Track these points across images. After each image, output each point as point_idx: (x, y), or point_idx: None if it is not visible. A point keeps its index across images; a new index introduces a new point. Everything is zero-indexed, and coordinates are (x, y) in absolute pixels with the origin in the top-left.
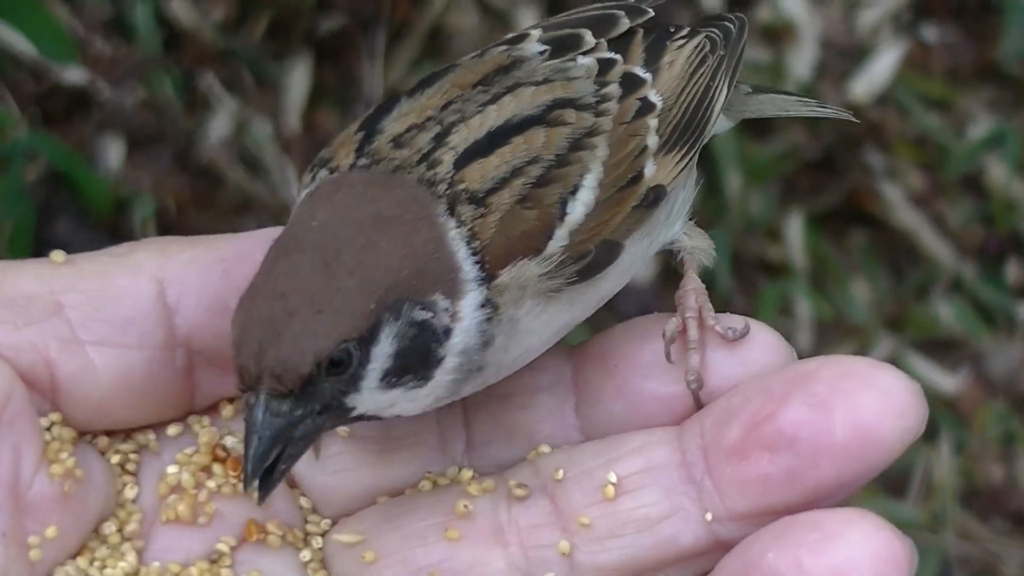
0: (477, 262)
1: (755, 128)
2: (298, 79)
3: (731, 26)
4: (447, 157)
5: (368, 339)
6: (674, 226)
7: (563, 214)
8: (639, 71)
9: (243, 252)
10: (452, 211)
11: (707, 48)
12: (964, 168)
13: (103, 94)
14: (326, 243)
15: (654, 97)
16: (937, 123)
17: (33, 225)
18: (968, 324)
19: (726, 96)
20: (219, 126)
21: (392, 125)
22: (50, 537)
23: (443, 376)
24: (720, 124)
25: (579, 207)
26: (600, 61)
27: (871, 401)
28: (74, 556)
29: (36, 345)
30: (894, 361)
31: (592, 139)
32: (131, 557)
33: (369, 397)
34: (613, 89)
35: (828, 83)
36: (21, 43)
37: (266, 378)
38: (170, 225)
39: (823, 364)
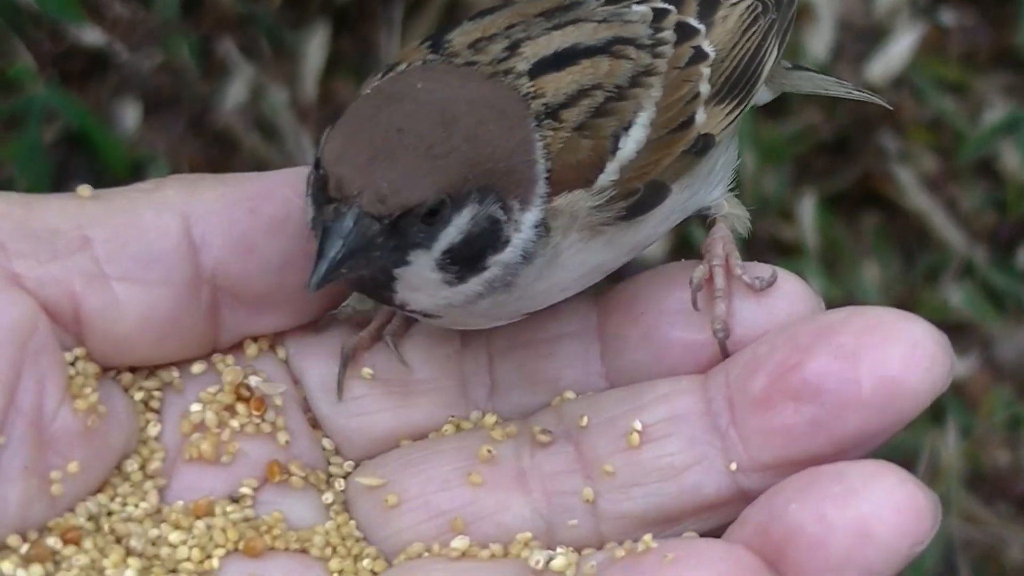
0: (547, 178)
1: (770, 108)
2: (315, 47)
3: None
4: (522, 66)
5: (456, 205)
6: (715, 189)
7: (615, 148)
8: (693, 21)
9: (270, 190)
10: (537, 122)
11: (759, 9)
12: (978, 153)
13: (120, 56)
14: (443, 105)
15: (707, 47)
16: (952, 107)
17: (49, 185)
18: (978, 309)
19: (775, 59)
20: (235, 92)
21: (459, 37)
22: (72, 472)
23: (474, 284)
24: (762, 94)
25: (631, 144)
26: (654, 10)
27: (898, 352)
28: (96, 492)
29: (61, 279)
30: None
31: (648, 78)
32: (153, 495)
33: (425, 263)
34: (668, 35)
35: (844, 65)
36: None
37: (367, 195)
38: None
39: (850, 315)
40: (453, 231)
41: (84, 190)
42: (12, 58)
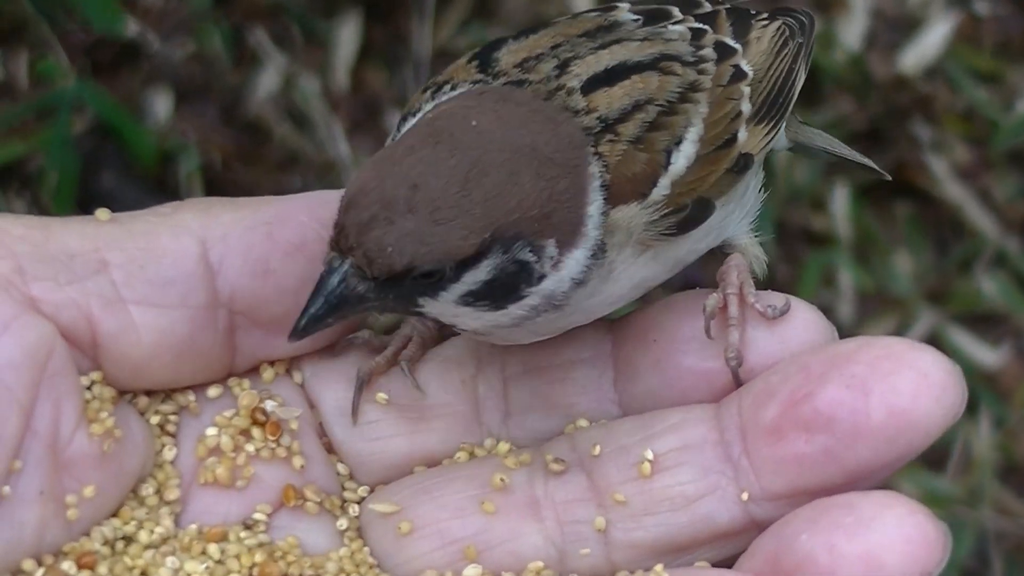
0: (604, 197)
1: (803, 97)
2: (347, 37)
3: (803, 19)
4: (574, 83)
5: (467, 264)
6: (741, 221)
7: (668, 163)
8: (729, 41)
9: (287, 215)
10: (596, 146)
11: (787, 33)
12: (1011, 142)
13: (152, 46)
14: (477, 156)
15: (745, 67)
16: (985, 97)
17: (79, 176)
18: (1011, 299)
19: (802, 83)
20: (267, 81)
21: (506, 57)
22: (88, 496)
23: (516, 309)
24: (781, 140)
25: (682, 159)
26: (691, 29)
27: (908, 383)
28: (111, 516)
29: (78, 303)
30: (935, 335)
31: (696, 94)
32: (168, 519)
33: (441, 307)
34: (708, 52)
35: (877, 54)
36: None
37: (358, 255)
38: (215, 179)
39: (862, 345)
40: (468, 284)
41: (103, 213)
42: (44, 48)
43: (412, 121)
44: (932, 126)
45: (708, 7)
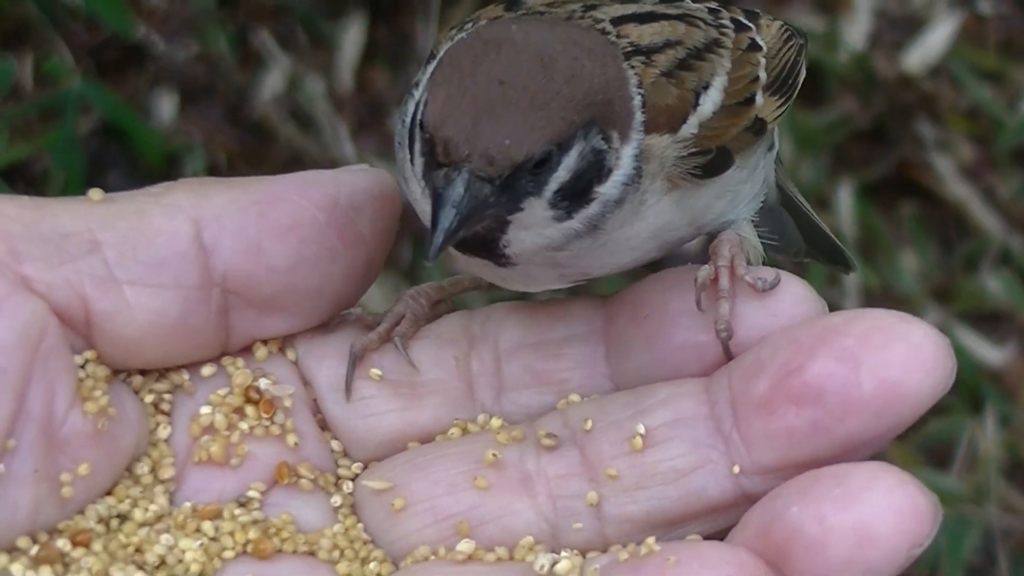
0: (642, 110)
1: (806, 97)
2: (352, 37)
3: (799, 31)
4: (604, 16)
5: (564, 148)
6: (748, 203)
7: (696, 103)
8: (743, 20)
9: (280, 194)
10: (628, 61)
11: (791, 31)
12: (1015, 141)
13: (157, 47)
14: (540, 46)
15: (760, 40)
16: (990, 95)
17: (85, 177)
18: (1016, 297)
19: (802, 81)
20: (272, 82)
21: (533, 2)
22: (82, 475)
23: (578, 221)
24: (770, 174)
25: (709, 103)
26: (708, 8)
27: (899, 355)
28: (106, 495)
29: (71, 282)
30: (941, 332)
31: (719, 49)
32: (162, 497)
33: (538, 206)
34: (727, 23)
35: (881, 53)
36: None
37: (476, 157)
38: None
39: (852, 317)
40: (563, 172)
41: (95, 193)
42: (49, 49)
43: (441, 52)
44: (936, 125)
45: (715, 4)
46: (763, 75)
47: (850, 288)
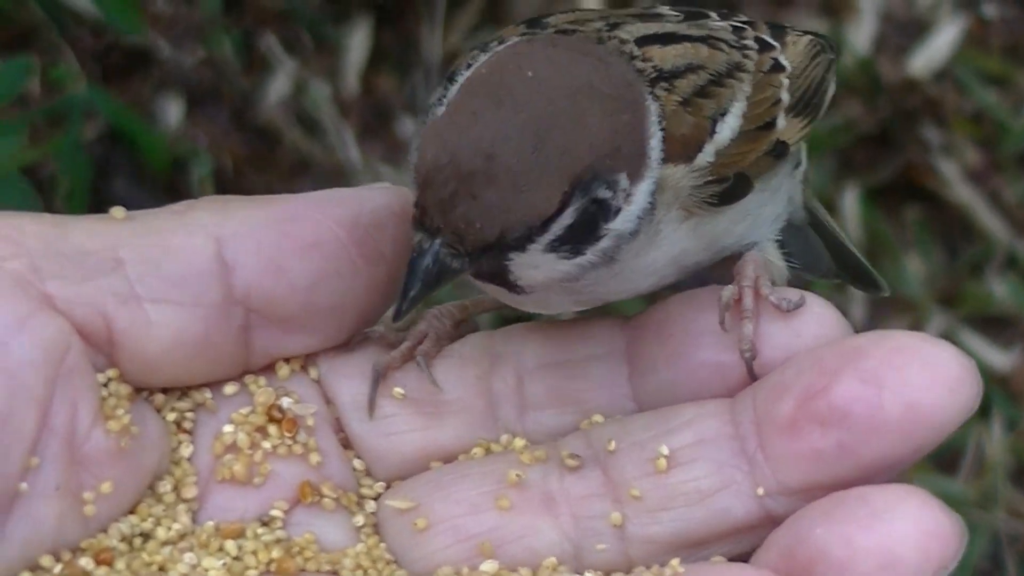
0: (663, 141)
1: None
2: (357, 42)
3: (831, 43)
4: (627, 36)
5: (553, 217)
6: (770, 224)
7: (713, 131)
8: (768, 39)
9: (301, 213)
10: (652, 89)
11: (819, 47)
12: (1021, 145)
13: (163, 52)
14: (541, 107)
15: (784, 61)
16: (995, 100)
17: (90, 182)
18: (1022, 301)
19: (831, 95)
20: (278, 87)
21: (554, 20)
22: (105, 493)
23: (590, 255)
24: (797, 193)
25: (726, 130)
26: (732, 26)
27: (922, 377)
28: (129, 513)
29: (93, 300)
30: (947, 337)
31: (741, 73)
32: (185, 516)
33: (529, 258)
34: (750, 43)
35: (886, 57)
36: (83, 1)
37: (447, 232)
38: (227, 184)
39: (876, 339)
40: (554, 233)
41: (118, 211)
42: (55, 55)
43: (463, 75)
44: (941, 129)
45: (743, 17)
46: (786, 97)
47: (856, 292)
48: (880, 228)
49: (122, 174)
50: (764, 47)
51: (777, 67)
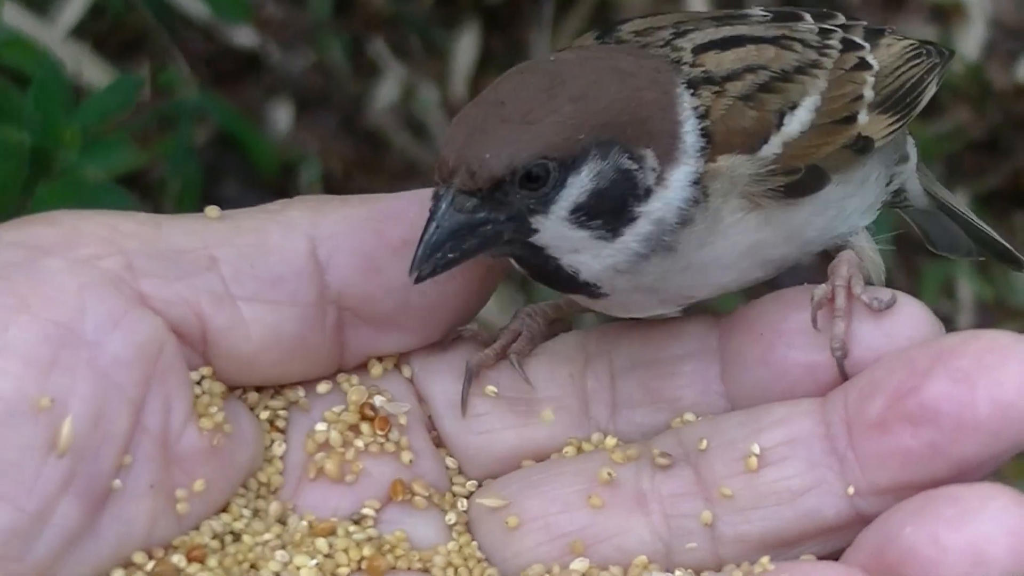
0: (703, 136)
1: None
2: (466, 46)
3: (944, 51)
4: (686, 45)
5: (569, 165)
6: (861, 214)
7: (780, 123)
8: (858, 39)
9: (396, 212)
10: (692, 87)
11: (922, 51)
12: None
13: (273, 57)
14: (557, 70)
15: (871, 60)
16: None
17: (201, 185)
18: None
19: (931, 95)
20: (387, 91)
21: (629, 27)
22: (198, 491)
23: (631, 239)
24: (914, 185)
25: (795, 123)
26: (821, 29)
27: (1014, 376)
28: (221, 511)
29: (188, 299)
30: None
31: (815, 70)
32: (277, 514)
33: (555, 226)
34: (835, 43)
35: (996, 64)
36: (194, 5)
37: (460, 173)
38: (336, 188)
39: (967, 338)
40: (574, 190)
41: (212, 211)
42: (165, 59)
43: None
44: None
45: (842, 19)
46: (869, 93)
47: (965, 301)
48: None
49: (232, 178)
50: (849, 47)
51: (862, 65)
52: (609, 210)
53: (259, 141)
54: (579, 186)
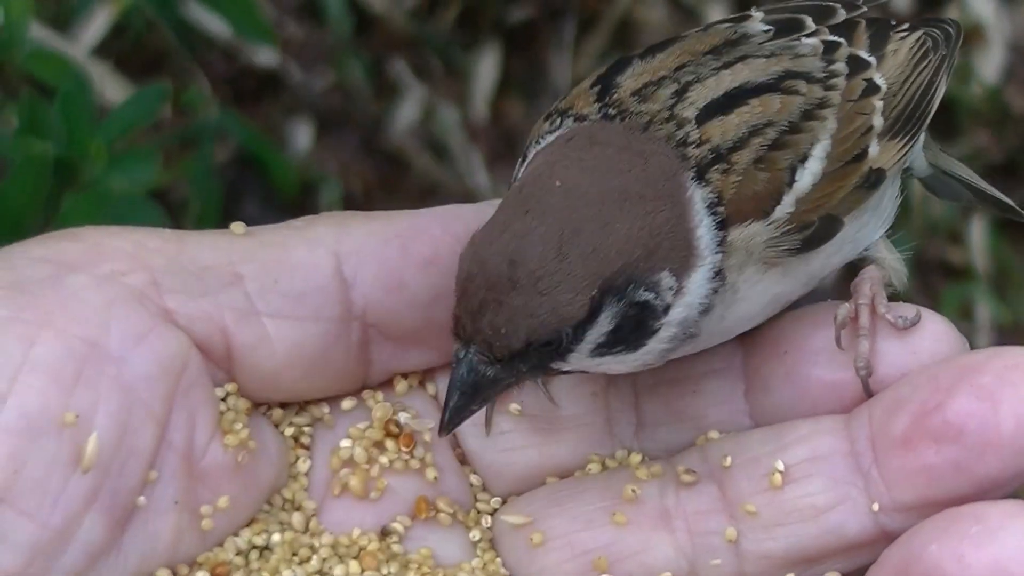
0: (717, 225)
1: (939, 130)
2: (486, 67)
3: (949, 28)
4: (689, 113)
5: (584, 323)
6: (877, 230)
7: (792, 181)
8: (864, 54)
9: (421, 228)
10: (701, 176)
11: (928, 44)
12: None
13: (294, 77)
14: (565, 216)
15: (879, 80)
16: None
17: (221, 205)
18: None
19: (941, 95)
20: (407, 112)
21: (628, 81)
22: (222, 507)
23: (656, 344)
24: (920, 164)
25: (807, 176)
26: (824, 42)
27: None
28: (245, 527)
29: (212, 315)
30: None
31: (822, 111)
32: (301, 530)
33: (576, 362)
34: (840, 67)
35: (1015, 87)
36: (215, 24)
37: (478, 340)
38: (356, 209)
39: (991, 355)
40: (593, 337)
41: (238, 227)
42: (186, 79)
43: (533, 151)
44: None
45: (843, 15)
46: (879, 122)
47: (982, 322)
48: (1007, 258)
49: (252, 198)
50: (856, 67)
51: (870, 89)
52: (630, 336)
53: (279, 161)
54: (597, 332)
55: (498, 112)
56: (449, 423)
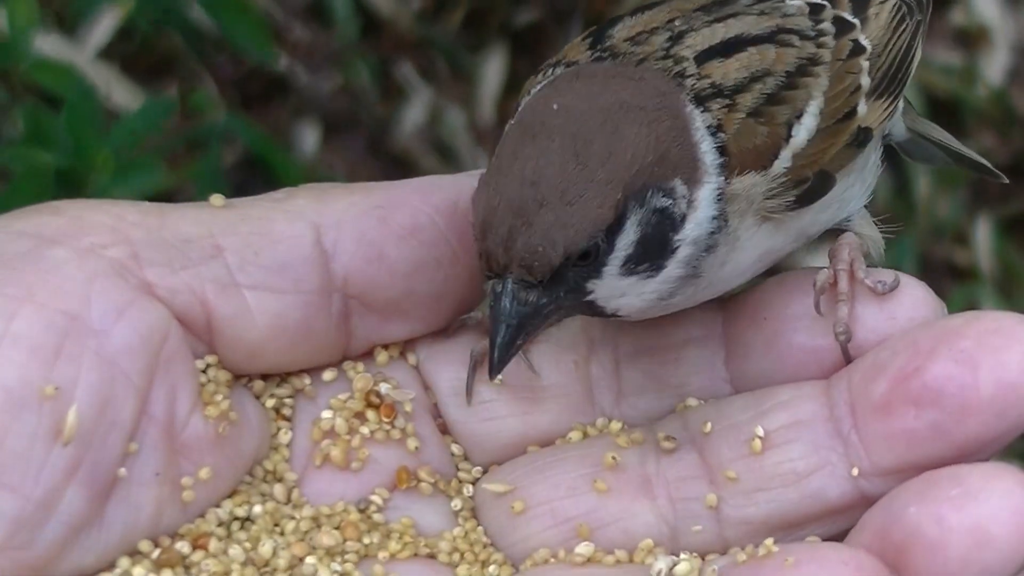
0: (720, 151)
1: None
2: (493, 70)
3: None
4: (687, 53)
5: (615, 228)
6: (856, 199)
7: (789, 136)
8: (848, 16)
9: (400, 199)
10: (699, 102)
11: (904, 10)
12: None
13: (301, 79)
14: (574, 130)
15: (864, 41)
16: None
17: None
18: None
19: (918, 60)
20: (414, 114)
21: (621, 31)
22: (203, 479)
23: (672, 268)
24: (898, 129)
25: (803, 132)
26: (809, 4)
27: (1017, 357)
28: (226, 498)
29: (193, 287)
30: None
31: (815, 68)
32: (283, 501)
33: (607, 283)
34: (827, 27)
35: (1020, 89)
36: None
37: (515, 267)
38: None
39: (971, 319)
40: (623, 246)
41: (217, 199)
42: (194, 81)
43: (524, 102)
44: None
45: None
46: (866, 81)
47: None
48: (1012, 259)
49: None
50: (842, 28)
51: (857, 50)
52: (655, 249)
53: (286, 163)
54: (627, 241)
55: (504, 114)
56: (499, 362)
